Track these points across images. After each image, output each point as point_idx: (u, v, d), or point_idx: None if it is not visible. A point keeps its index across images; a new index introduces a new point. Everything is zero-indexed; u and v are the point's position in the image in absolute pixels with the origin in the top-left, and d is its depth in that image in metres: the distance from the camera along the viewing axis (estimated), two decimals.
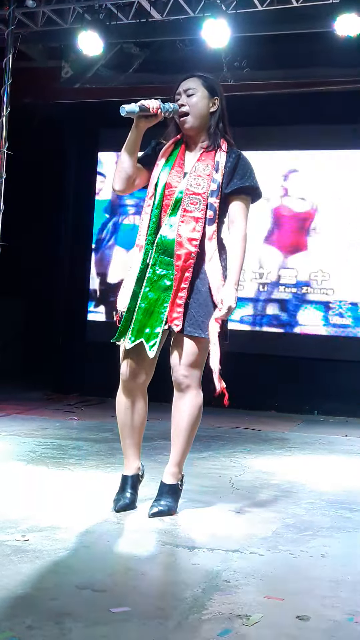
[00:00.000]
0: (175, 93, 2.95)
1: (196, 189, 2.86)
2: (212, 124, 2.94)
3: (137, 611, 1.92)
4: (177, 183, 2.89)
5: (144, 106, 2.81)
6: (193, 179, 2.88)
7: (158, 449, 4.33)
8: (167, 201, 2.89)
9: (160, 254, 2.88)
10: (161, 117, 2.86)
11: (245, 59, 6.80)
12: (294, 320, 7.47)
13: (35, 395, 7.18)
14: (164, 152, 2.96)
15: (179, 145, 2.97)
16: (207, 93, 2.93)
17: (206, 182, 2.86)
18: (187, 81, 2.95)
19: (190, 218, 2.85)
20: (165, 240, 2.88)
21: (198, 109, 2.91)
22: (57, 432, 5.00)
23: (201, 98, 2.91)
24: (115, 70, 7.28)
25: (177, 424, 2.93)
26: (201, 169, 2.89)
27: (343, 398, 6.96)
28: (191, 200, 2.86)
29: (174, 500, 2.93)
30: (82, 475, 3.64)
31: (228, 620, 1.89)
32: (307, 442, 5.30)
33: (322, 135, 7.42)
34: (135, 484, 3.00)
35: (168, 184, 2.90)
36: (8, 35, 6.01)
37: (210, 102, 2.93)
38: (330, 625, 1.90)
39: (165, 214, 2.90)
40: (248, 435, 5.41)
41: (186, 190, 2.86)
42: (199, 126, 2.93)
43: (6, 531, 2.56)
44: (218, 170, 2.88)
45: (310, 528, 2.85)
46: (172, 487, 2.95)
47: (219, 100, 2.96)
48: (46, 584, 2.09)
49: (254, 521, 2.92)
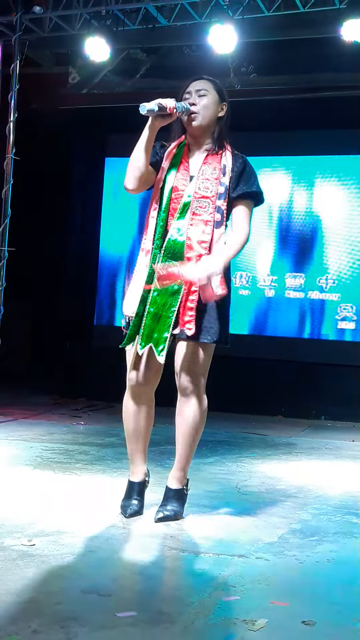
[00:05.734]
0: (184, 92, 2.95)
1: (205, 192, 2.87)
2: (218, 128, 2.96)
3: (142, 616, 1.92)
4: (184, 186, 2.89)
5: (162, 105, 2.81)
6: (201, 182, 2.88)
7: (165, 453, 4.33)
8: (174, 205, 2.89)
9: (169, 258, 2.85)
10: (175, 117, 2.88)
11: (251, 65, 6.81)
12: (301, 325, 7.46)
13: (42, 400, 7.18)
14: (168, 154, 2.96)
15: (182, 147, 2.97)
16: (217, 97, 2.96)
17: (214, 186, 2.88)
18: (199, 82, 2.96)
19: (199, 221, 2.85)
20: (174, 244, 2.86)
21: (209, 110, 2.92)
22: (64, 437, 5.00)
23: (212, 101, 2.94)
24: (122, 76, 7.30)
25: (181, 429, 2.93)
26: (209, 173, 2.90)
27: (350, 403, 6.94)
28: (200, 204, 2.87)
29: (179, 505, 2.93)
30: (88, 480, 3.65)
31: (234, 625, 1.89)
32: (313, 447, 5.28)
33: (329, 140, 7.42)
34: (142, 490, 3.00)
35: (175, 188, 2.90)
36: (15, 41, 6.04)
37: (219, 107, 2.96)
38: (336, 631, 1.90)
39: (172, 217, 2.89)
40: (254, 440, 5.41)
41: (194, 194, 2.87)
42: (206, 127, 2.94)
43: (13, 536, 2.56)
44: (225, 173, 2.89)
45: (316, 533, 2.85)
46: (178, 491, 2.96)
47: (227, 107, 2.98)
48: (52, 588, 2.10)
49: (260, 526, 2.91)
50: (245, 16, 5.93)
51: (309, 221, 7.49)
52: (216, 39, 5.94)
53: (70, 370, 8.02)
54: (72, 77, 7.37)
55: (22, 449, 4.42)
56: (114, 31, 6.19)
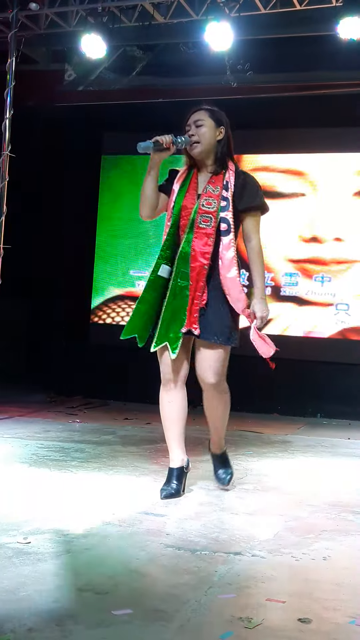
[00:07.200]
0: (185, 125, 3.31)
1: (207, 207, 3.22)
2: (219, 150, 3.30)
3: (139, 613, 1.92)
4: (192, 205, 3.25)
5: (158, 141, 3.16)
6: (204, 200, 3.24)
7: (161, 451, 4.33)
8: (183, 221, 3.25)
9: (181, 268, 3.21)
10: (173, 150, 3.23)
11: (248, 62, 6.81)
12: (297, 323, 7.46)
13: (38, 398, 7.18)
14: (179, 177, 3.32)
15: (192, 170, 3.34)
16: (213, 124, 3.29)
17: (216, 201, 3.22)
18: (196, 114, 3.31)
19: (202, 234, 3.20)
20: (184, 255, 3.21)
21: (206, 138, 3.27)
22: (60, 435, 5.00)
23: (209, 128, 3.28)
24: (118, 73, 7.28)
25: (215, 416, 3.40)
26: (211, 190, 3.25)
27: (346, 401, 6.95)
28: (203, 218, 3.21)
29: (229, 466, 3.54)
30: (84, 477, 3.64)
31: (230, 623, 1.89)
32: (309, 445, 5.29)
33: (325, 138, 7.42)
34: (180, 476, 3.26)
35: (184, 206, 3.26)
36: (11, 38, 6.02)
37: (216, 132, 3.30)
38: (332, 628, 1.90)
39: (183, 232, 3.24)
40: (251, 437, 5.41)
41: (198, 210, 3.22)
42: (207, 152, 3.29)
43: (8, 533, 2.56)
44: (227, 189, 3.24)
45: (312, 531, 2.85)
46: (222, 456, 3.54)
47: (225, 130, 3.31)
48: (48, 586, 2.09)
49: (256, 524, 2.91)
50: (242, 14, 5.93)
51: (304, 218, 7.49)
52: (212, 36, 5.94)
53: (66, 368, 8.01)
54: (68, 74, 7.36)
55: (18, 447, 4.41)
56: (110, 28, 6.18)
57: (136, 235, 7.99)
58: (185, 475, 3.32)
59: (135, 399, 7.05)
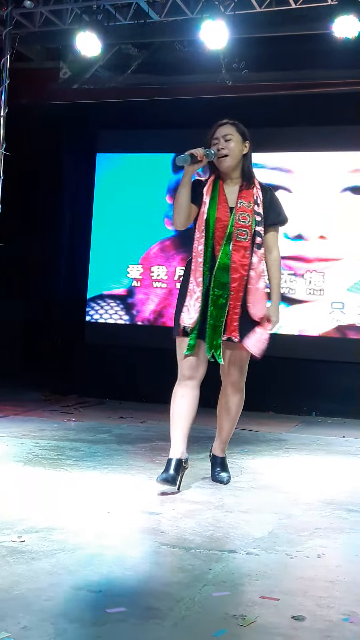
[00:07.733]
0: (212, 138, 3.46)
1: (243, 222, 3.41)
2: (246, 164, 3.50)
3: (133, 612, 1.92)
4: (226, 217, 3.41)
5: (194, 154, 3.31)
6: (240, 214, 3.42)
7: (156, 449, 4.33)
8: (218, 233, 3.40)
9: (217, 279, 3.38)
10: (205, 162, 3.38)
11: (243, 61, 6.80)
12: (292, 321, 7.46)
13: (33, 396, 7.16)
14: (207, 190, 3.46)
15: (217, 182, 3.49)
16: (240, 138, 3.48)
17: (250, 216, 3.42)
18: (223, 128, 3.48)
19: (240, 247, 3.40)
20: (222, 267, 3.38)
21: (235, 151, 3.45)
22: (55, 434, 4.99)
23: (237, 143, 3.46)
24: (113, 71, 7.27)
25: (228, 415, 3.64)
26: (245, 205, 3.43)
27: (341, 399, 6.95)
28: (240, 232, 3.41)
29: (227, 471, 3.68)
30: (79, 476, 3.64)
31: (224, 621, 1.89)
32: (304, 443, 5.30)
33: (321, 136, 7.42)
34: (178, 467, 3.31)
35: (218, 218, 3.41)
36: (6, 36, 6.00)
37: (243, 146, 3.49)
38: (326, 626, 1.90)
39: (219, 244, 3.40)
40: (246, 436, 5.41)
41: (235, 224, 3.40)
42: (235, 165, 3.46)
43: (2, 532, 2.56)
44: (259, 204, 3.46)
45: (306, 529, 2.85)
46: (224, 459, 3.71)
47: (249, 144, 3.50)
48: (41, 584, 2.09)
49: (251, 522, 2.92)
50: (237, 12, 5.92)
51: (301, 218, 7.49)
52: (208, 34, 5.92)
53: (61, 367, 8.00)
54: (62, 72, 7.35)
55: (13, 446, 4.41)
56: (105, 26, 6.17)
57: (132, 234, 7.98)
58: (184, 471, 3.37)
59: (131, 398, 7.06)
